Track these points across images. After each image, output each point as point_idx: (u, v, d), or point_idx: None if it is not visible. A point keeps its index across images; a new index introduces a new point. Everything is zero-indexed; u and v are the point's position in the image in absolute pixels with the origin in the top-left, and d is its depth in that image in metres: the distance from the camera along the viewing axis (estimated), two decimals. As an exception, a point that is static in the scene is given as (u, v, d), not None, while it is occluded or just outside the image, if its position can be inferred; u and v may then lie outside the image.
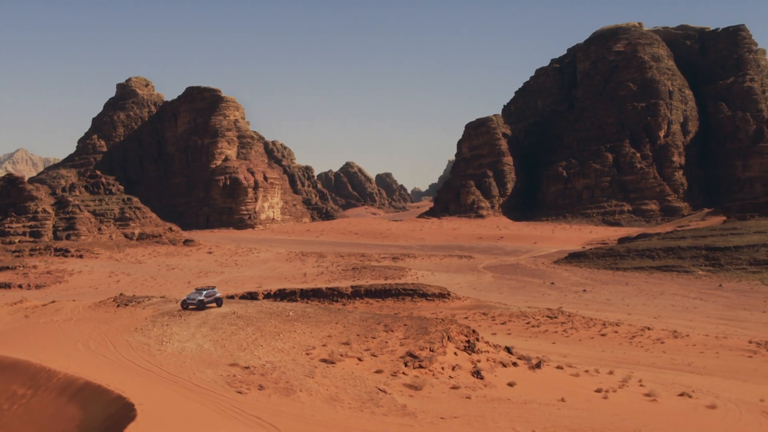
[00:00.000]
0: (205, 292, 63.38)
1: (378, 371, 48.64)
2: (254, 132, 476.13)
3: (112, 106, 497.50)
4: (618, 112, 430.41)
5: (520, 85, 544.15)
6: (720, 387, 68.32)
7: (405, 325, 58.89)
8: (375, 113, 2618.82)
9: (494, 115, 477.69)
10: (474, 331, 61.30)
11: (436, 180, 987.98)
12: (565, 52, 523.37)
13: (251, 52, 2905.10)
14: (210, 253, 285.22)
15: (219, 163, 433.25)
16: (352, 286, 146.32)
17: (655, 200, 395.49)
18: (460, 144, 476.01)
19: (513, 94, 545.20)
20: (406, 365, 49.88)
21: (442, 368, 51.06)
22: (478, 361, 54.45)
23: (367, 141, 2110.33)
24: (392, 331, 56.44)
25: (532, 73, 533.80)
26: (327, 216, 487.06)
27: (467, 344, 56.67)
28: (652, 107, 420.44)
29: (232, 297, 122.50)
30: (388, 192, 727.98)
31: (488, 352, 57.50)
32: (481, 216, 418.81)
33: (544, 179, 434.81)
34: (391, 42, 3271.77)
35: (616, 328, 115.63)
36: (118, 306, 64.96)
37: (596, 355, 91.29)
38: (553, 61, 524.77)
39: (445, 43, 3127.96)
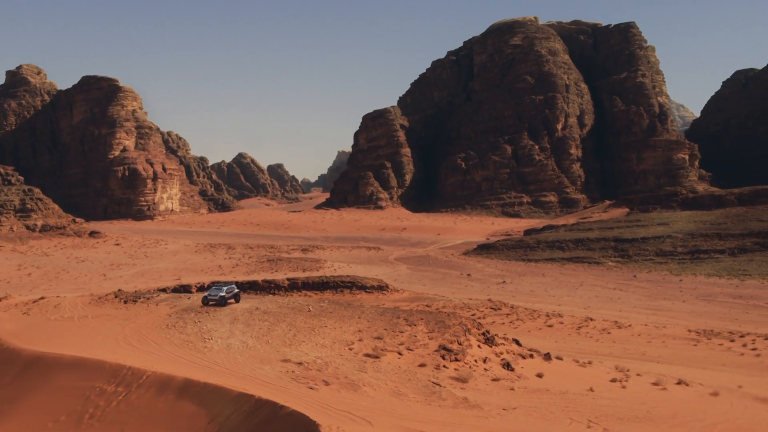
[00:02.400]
0: (225, 288, 63.20)
1: (421, 365, 49.71)
2: (150, 122, 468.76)
3: (2, 94, 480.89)
4: (516, 105, 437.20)
5: (416, 77, 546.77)
6: (689, 375, 71.00)
7: (422, 318, 60.03)
8: (266, 103, 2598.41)
9: (392, 107, 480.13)
10: (480, 324, 62.53)
11: (325, 171, 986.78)
12: (462, 44, 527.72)
13: (139, 40, 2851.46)
14: (117, 245, 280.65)
15: (117, 153, 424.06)
16: (288, 279, 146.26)
17: (554, 192, 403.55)
18: (357, 135, 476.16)
19: (409, 86, 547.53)
20: (443, 358, 51.10)
21: (475, 361, 52.39)
22: (501, 353, 55.94)
23: (258, 131, 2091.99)
24: (415, 325, 57.44)
25: (428, 65, 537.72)
26: (223, 207, 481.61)
27: (486, 337, 57.97)
28: (549, 100, 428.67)
29: (164, 290, 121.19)
30: (280, 183, 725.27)
31: (504, 344, 59.05)
32: (381, 207, 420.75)
33: (442, 171, 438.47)
34: (285, 31, 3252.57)
35: (560, 319, 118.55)
36: (125, 302, 64.08)
37: (552, 345, 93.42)
38: (450, 53, 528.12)
39: (339, 32, 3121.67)
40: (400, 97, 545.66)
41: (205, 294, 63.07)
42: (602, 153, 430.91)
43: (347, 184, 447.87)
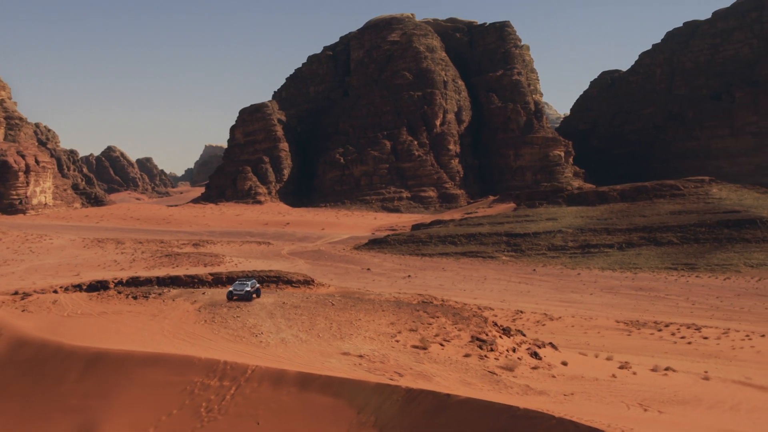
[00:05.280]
0: (249, 283, 63.58)
1: (466, 355, 51.28)
2: (21, 113, 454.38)
3: None
4: (394, 101, 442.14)
5: (291, 71, 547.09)
6: (651, 363, 73.74)
7: (439, 310, 61.81)
8: (132, 96, 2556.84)
9: (270, 101, 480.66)
10: (486, 317, 64.36)
11: (191, 165, 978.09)
12: (338, 39, 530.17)
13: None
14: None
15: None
16: (211, 274, 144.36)
17: (433, 187, 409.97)
18: (233, 129, 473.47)
19: (284, 80, 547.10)
20: (480, 348, 52.63)
21: (507, 351, 54.13)
22: (521, 343, 57.83)
23: (125, 124, 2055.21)
24: (438, 317, 59.00)
25: (304, 60, 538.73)
26: (96, 201, 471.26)
27: (502, 329, 59.78)
28: (428, 96, 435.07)
29: (79, 287, 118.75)
30: (149, 177, 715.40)
31: (516, 335, 60.80)
32: (260, 202, 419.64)
33: (321, 166, 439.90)
34: (155, 25, 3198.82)
35: (493, 311, 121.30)
36: (135, 298, 63.06)
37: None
38: (326, 48, 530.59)
39: (210, 26, 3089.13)
40: (275, 92, 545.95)
41: (230, 289, 63.39)
42: (480, 149, 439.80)
43: (224, 179, 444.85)
